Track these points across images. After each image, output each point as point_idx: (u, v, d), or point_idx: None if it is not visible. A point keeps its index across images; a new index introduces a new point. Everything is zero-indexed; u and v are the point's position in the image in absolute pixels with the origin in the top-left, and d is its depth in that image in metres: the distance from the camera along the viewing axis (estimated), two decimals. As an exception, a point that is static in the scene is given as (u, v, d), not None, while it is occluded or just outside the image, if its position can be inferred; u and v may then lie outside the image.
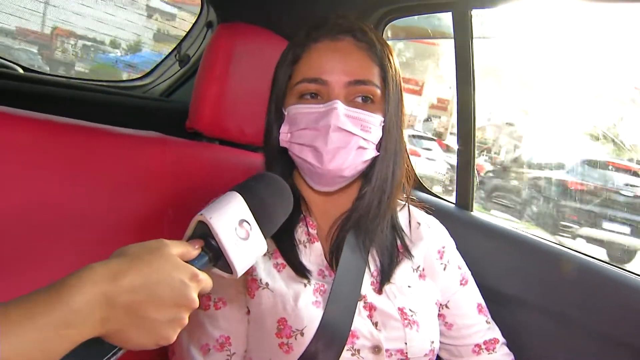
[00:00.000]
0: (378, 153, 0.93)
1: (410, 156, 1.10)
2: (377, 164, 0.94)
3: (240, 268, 0.66)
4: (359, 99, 0.92)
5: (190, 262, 0.63)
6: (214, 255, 0.65)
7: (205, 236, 0.65)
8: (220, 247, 0.65)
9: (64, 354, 0.51)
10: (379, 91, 0.92)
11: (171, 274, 0.59)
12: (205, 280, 0.63)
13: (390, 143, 0.94)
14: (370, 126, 0.91)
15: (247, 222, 0.68)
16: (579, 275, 1.19)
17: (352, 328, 0.88)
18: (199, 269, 0.63)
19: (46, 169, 1.02)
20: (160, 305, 0.57)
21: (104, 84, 1.98)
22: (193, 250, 0.64)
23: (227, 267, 0.66)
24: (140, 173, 1.13)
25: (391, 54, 0.97)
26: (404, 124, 0.98)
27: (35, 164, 1.01)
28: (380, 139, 0.93)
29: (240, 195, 0.69)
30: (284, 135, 0.95)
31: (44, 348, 0.49)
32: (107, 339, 0.56)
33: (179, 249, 0.62)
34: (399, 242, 1.01)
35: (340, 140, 0.89)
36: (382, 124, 0.93)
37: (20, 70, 1.77)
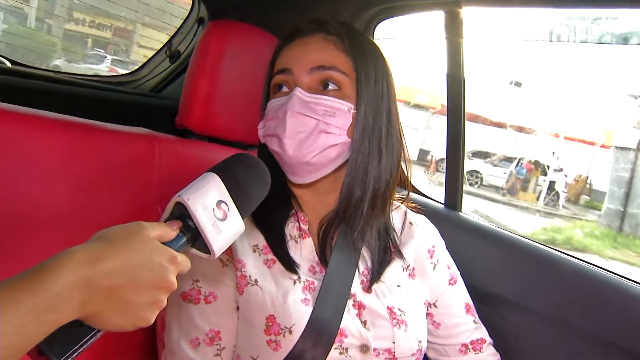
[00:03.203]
0: (348, 139, 0.92)
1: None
2: (352, 153, 0.93)
3: (217, 248, 0.67)
4: (324, 87, 0.92)
5: (169, 243, 0.63)
6: (192, 236, 0.66)
7: (183, 217, 0.66)
8: (198, 228, 0.65)
9: (43, 337, 0.52)
10: (347, 79, 0.93)
11: (150, 257, 0.59)
12: (184, 262, 0.64)
13: (367, 132, 0.93)
14: (334, 111, 0.90)
15: (225, 202, 0.69)
16: (567, 276, 1.20)
17: (340, 326, 0.88)
18: (177, 250, 0.63)
19: (33, 164, 1.01)
20: (139, 288, 0.58)
21: (93, 78, 1.96)
22: (171, 232, 0.64)
23: (205, 247, 0.67)
24: (129, 169, 1.13)
25: (369, 47, 0.98)
26: (394, 117, 0.98)
27: (21, 158, 1.00)
28: (352, 126, 0.92)
29: (217, 176, 0.70)
30: (260, 130, 0.97)
31: (24, 332, 0.50)
32: (86, 321, 0.57)
33: (157, 231, 0.62)
34: (390, 242, 1.01)
35: (298, 124, 0.89)
36: (353, 111, 0.92)
37: (8, 64, 1.75)
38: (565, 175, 9.31)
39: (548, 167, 9.36)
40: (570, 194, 9.42)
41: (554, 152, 9.41)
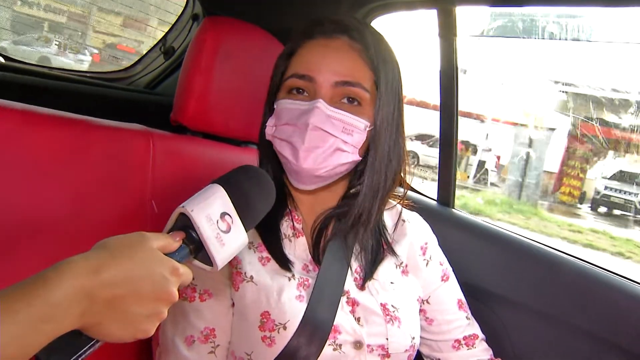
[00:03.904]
0: (359, 158, 0.92)
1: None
2: (368, 170, 0.93)
3: (220, 261, 0.67)
4: (345, 101, 0.91)
5: (171, 254, 0.63)
6: (195, 248, 0.66)
7: (187, 228, 0.65)
8: (201, 239, 0.65)
9: (41, 347, 0.51)
10: (367, 95, 0.91)
11: (152, 268, 0.58)
12: (186, 273, 0.63)
13: (381, 148, 0.93)
14: (352, 129, 0.90)
15: (229, 215, 0.68)
16: (560, 273, 1.21)
17: (334, 323, 0.89)
18: (180, 262, 0.63)
19: (26, 160, 1.01)
20: (140, 300, 0.57)
21: (88, 74, 1.96)
22: (174, 243, 0.64)
23: (208, 259, 0.67)
24: (124, 166, 1.12)
25: (388, 54, 0.96)
26: (402, 129, 0.97)
27: (15, 155, 0.99)
28: (366, 143, 0.92)
29: (222, 188, 0.69)
30: (270, 128, 0.95)
31: (22, 343, 0.49)
32: (85, 332, 0.56)
33: (160, 242, 0.61)
34: (383, 240, 1.02)
35: (317, 139, 0.88)
36: (369, 128, 0.91)
37: (2, 60, 1.74)
38: (498, 156, 10.08)
39: (477, 146, 10.11)
40: (505, 173, 10.17)
41: (487, 134, 10.13)
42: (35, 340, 0.50)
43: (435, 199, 1.54)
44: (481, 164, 10.01)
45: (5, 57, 1.75)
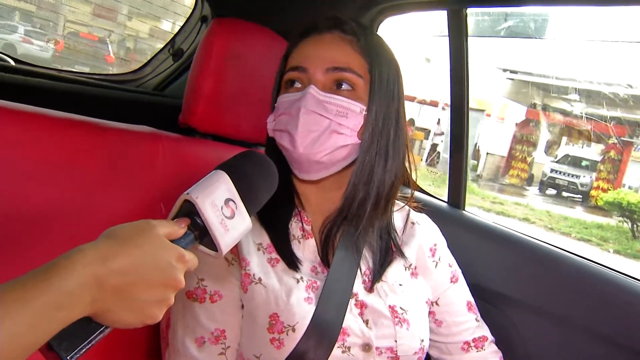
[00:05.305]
0: (359, 140, 0.92)
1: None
2: (360, 153, 0.93)
3: (225, 246, 0.68)
4: (338, 86, 0.92)
5: (177, 241, 0.64)
6: (199, 234, 0.67)
7: (191, 215, 0.66)
8: (206, 225, 0.66)
9: (52, 334, 0.53)
10: (361, 80, 0.93)
11: (159, 256, 0.60)
12: (192, 260, 0.65)
13: (377, 133, 0.93)
14: (347, 112, 0.91)
15: (233, 200, 0.69)
16: (570, 274, 1.20)
17: (343, 325, 0.88)
18: (185, 248, 0.64)
19: (37, 162, 1.01)
20: (148, 287, 0.59)
21: (97, 76, 1.96)
22: (179, 229, 0.65)
23: (213, 245, 0.68)
24: (133, 168, 1.13)
25: (383, 48, 0.98)
26: (402, 119, 0.98)
27: (25, 157, 1.00)
28: (363, 127, 0.92)
29: (226, 174, 0.70)
30: (270, 123, 0.97)
31: (35, 330, 0.50)
32: (95, 318, 0.57)
33: (166, 229, 0.63)
34: (392, 242, 1.01)
35: (311, 122, 0.89)
36: (364, 112, 0.92)
37: (12, 62, 1.75)
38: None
39: (430, 131, 10.90)
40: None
41: (439, 118, 10.79)
42: (48, 328, 0.52)
43: (446, 200, 1.53)
44: (433, 146, 10.71)
45: (15, 60, 1.76)
